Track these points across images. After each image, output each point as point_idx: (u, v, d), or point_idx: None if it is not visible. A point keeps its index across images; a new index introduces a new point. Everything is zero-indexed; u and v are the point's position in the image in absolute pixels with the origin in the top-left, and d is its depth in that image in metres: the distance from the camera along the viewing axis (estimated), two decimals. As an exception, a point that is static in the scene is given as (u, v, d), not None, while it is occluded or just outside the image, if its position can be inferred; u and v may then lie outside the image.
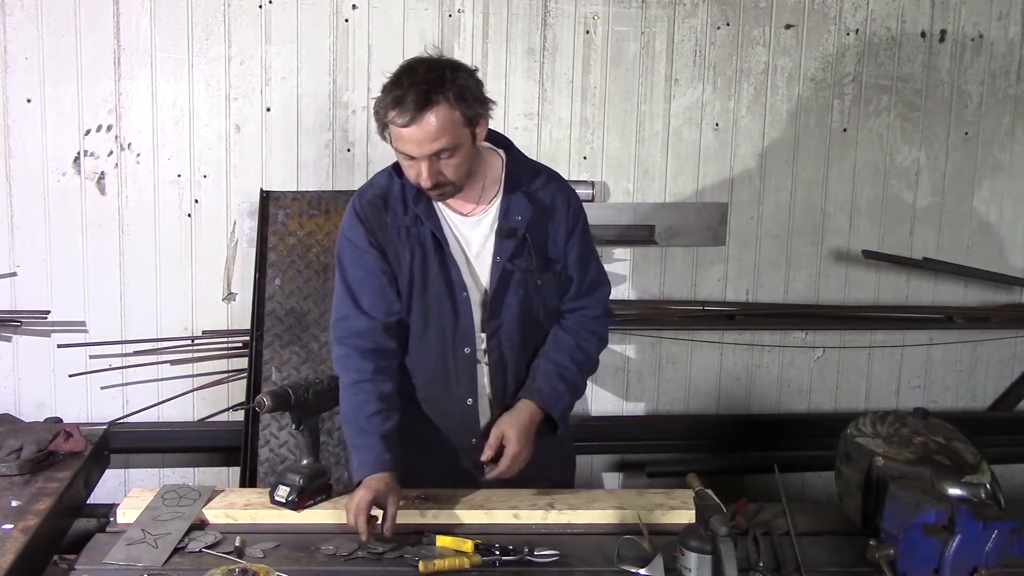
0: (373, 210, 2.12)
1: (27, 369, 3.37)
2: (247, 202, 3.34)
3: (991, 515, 1.71)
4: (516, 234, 2.11)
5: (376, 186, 2.16)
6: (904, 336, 3.73)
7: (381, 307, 2.11)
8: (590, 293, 2.25)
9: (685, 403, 3.69)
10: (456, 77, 1.95)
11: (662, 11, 3.44)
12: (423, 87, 1.91)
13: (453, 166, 1.99)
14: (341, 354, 2.11)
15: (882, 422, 2.04)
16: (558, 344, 2.22)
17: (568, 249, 2.19)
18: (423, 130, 1.92)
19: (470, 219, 2.14)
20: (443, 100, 1.92)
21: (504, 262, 2.11)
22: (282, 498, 2.03)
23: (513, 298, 2.14)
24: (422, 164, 1.96)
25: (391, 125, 1.95)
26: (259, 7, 3.28)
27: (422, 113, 1.91)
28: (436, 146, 1.94)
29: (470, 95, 1.96)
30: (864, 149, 3.61)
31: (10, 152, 3.26)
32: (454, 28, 3.37)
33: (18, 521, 1.80)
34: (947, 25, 3.58)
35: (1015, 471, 3.70)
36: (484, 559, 1.82)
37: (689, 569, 1.68)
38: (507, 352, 2.17)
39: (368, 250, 2.11)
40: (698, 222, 3.55)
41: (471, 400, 2.17)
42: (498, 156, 2.18)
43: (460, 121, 1.95)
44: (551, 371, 2.18)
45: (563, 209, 2.18)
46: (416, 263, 2.11)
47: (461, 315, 2.12)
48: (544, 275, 2.16)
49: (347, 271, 2.14)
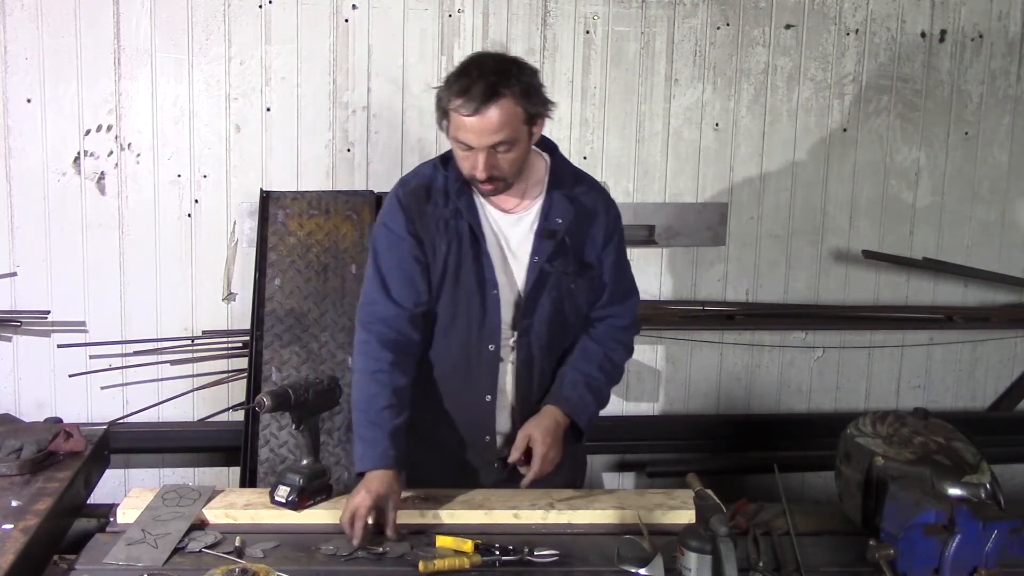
0: (415, 199, 2.13)
1: (27, 369, 3.37)
2: (247, 202, 3.34)
3: (991, 515, 1.71)
4: (556, 235, 2.13)
5: (420, 176, 2.17)
6: (904, 336, 3.73)
7: (410, 296, 2.11)
8: (621, 301, 2.27)
9: (685, 403, 3.69)
10: (522, 74, 1.99)
11: (662, 11, 3.44)
12: (491, 79, 1.94)
13: (509, 161, 2.02)
14: (362, 339, 2.11)
15: (882, 422, 2.03)
16: (586, 354, 2.24)
17: (604, 255, 2.21)
18: (486, 121, 1.95)
19: (511, 216, 2.15)
20: (508, 94, 1.95)
21: (542, 262, 2.13)
22: (282, 498, 2.03)
23: (547, 299, 2.15)
24: (479, 155, 1.98)
25: (453, 113, 1.97)
26: (259, 7, 3.28)
27: (487, 105, 1.94)
28: (496, 138, 1.96)
29: (534, 93, 2.00)
30: (864, 149, 3.61)
31: (10, 152, 3.26)
32: (454, 28, 3.37)
33: (18, 521, 1.80)
34: (947, 25, 3.58)
35: (1015, 471, 3.70)
36: (484, 559, 1.82)
37: (689, 569, 1.68)
38: (535, 352, 2.18)
39: (405, 237, 2.11)
40: (698, 222, 3.55)
41: (490, 397, 2.18)
42: (543, 158, 2.20)
43: (522, 117, 1.99)
44: (579, 380, 2.20)
45: (603, 216, 2.20)
46: (451, 256, 2.11)
47: (489, 311, 2.13)
48: (579, 279, 2.17)
49: (380, 257, 2.14)
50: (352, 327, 3.17)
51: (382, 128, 3.39)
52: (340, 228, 3.27)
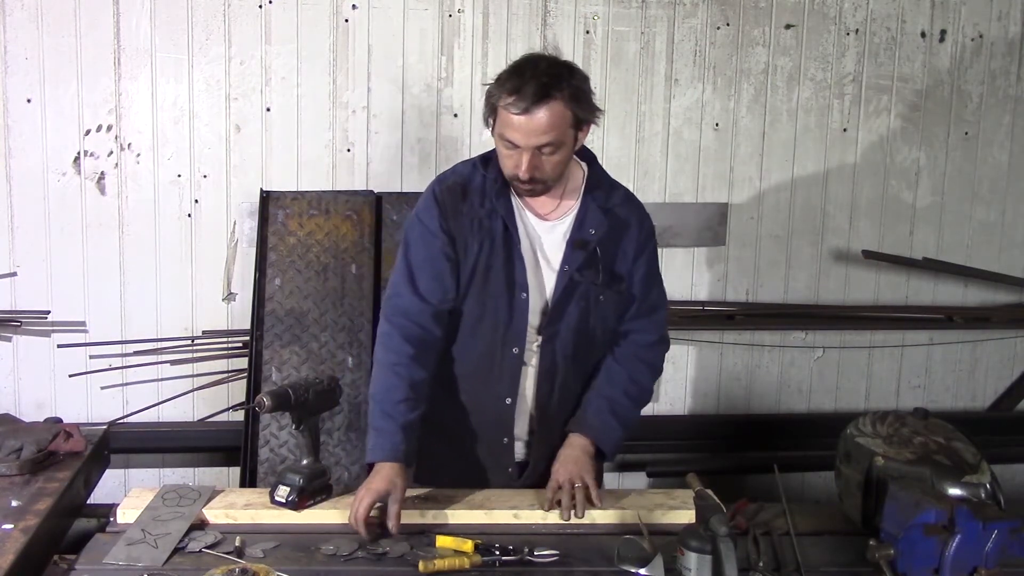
0: (451, 196, 2.12)
1: (27, 369, 3.37)
2: (247, 202, 3.34)
3: (991, 515, 1.71)
4: (588, 246, 2.12)
5: (458, 174, 2.17)
6: (904, 336, 3.73)
7: (436, 292, 2.10)
8: (648, 315, 2.25)
9: (685, 403, 3.69)
10: (573, 78, 2.00)
11: (662, 11, 3.44)
12: (544, 80, 1.95)
13: (552, 163, 2.02)
14: (385, 331, 2.11)
15: (882, 422, 2.03)
16: (611, 378, 2.22)
17: (635, 268, 2.20)
18: (535, 121, 1.95)
19: (546, 223, 2.14)
20: (559, 97, 1.96)
21: (572, 272, 2.12)
22: (282, 498, 2.03)
23: (574, 308, 2.14)
24: (524, 155, 1.98)
25: (503, 111, 1.97)
26: (259, 7, 3.28)
27: (538, 105, 1.94)
28: (544, 139, 1.97)
29: (584, 98, 2.01)
30: (864, 149, 3.61)
31: (10, 152, 3.26)
32: (454, 28, 3.37)
33: (18, 521, 1.80)
34: (947, 25, 3.58)
35: (1015, 471, 3.71)
36: (484, 559, 1.82)
37: (689, 569, 1.68)
38: (559, 360, 2.17)
39: (438, 234, 2.10)
40: (698, 222, 3.55)
41: (510, 400, 2.17)
42: (580, 167, 2.19)
43: (570, 121, 1.99)
44: (603, 407, 2.19)
45: (636, 228, 2.19)
46: (483, 256, 2.10)
47: (516, 315, 2.12)
48: (607, 291, 2.16)
49: (411, 251, 2.13)
50: (352, 327, 3.21)
51: (382, 128, 3.39)
52: (340, 228, 3.27)
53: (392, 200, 3.31)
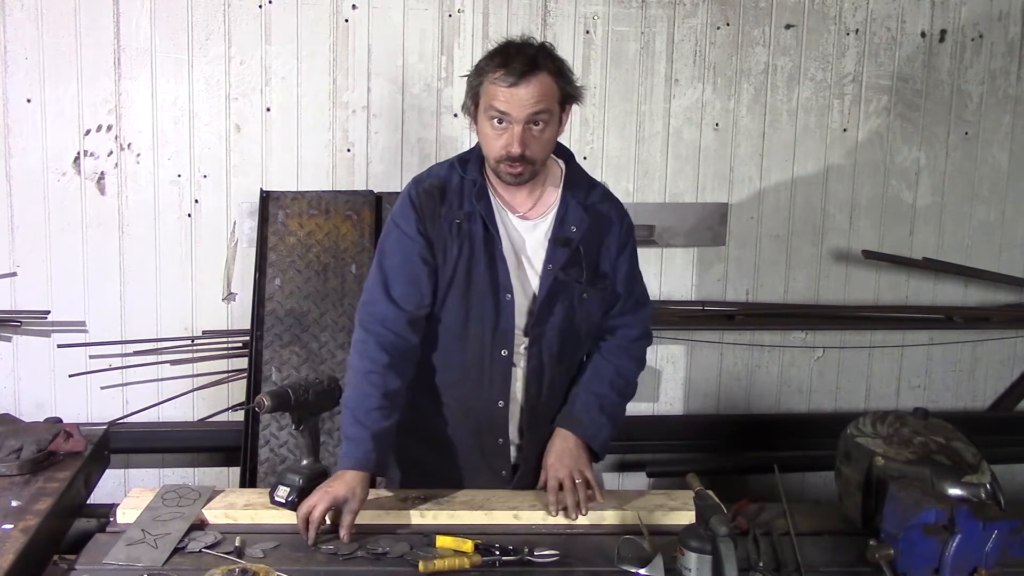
0: (428, 199, 2.10)
1: (27, 369, 3.37)
2: (247, 202, 3.34)
3: (991, 515, 1.71)
4: (570, 244, 2.12)
5: (435, 176, 2.15)
6: (904, 336, 3.73)
7: (412, 299, 2.08)
8: (634, 311, 2.26)
9: (685, 403, 3.69)
10: (554, 57, 2.03)
11: (662, 11, 3.44)
12: (531, 53, 1.99)
13: (541, 142, 2.02)
14: (360, 338, 2.08)
15: (882, 422, 2.03)
16: (598, 373, 2.22)
17: (618, 265, 2.20)
18: (527, 91, 1.96)
19: (527, 222, 2.14)
20: (547, 70, 1.99)
21: (556, 271, 2.11)
22: (282, 498, 2.03)
23: (559, 307, 2.14)
24: (516, 128, 1.98)
25: (492, 86, 1.98)
26: (259, 7, 3.28)
27: (528, 77, 1.96)
28: (537, 108, 1.97)
29: (568, 75, 2.04)
30: (864, 149, 3.62)
31: (10, 152, 3.26)
32: (454, 28, 3.37)
33: (18, 521, 1.80)
34: (947, 25, 3.58)
35: (1015, 471, 3.70)
36: (484, 559, 1.82)
37: (689, 569, 1.68)
38: (546, 360, 2.16)
39: (415, 238, 2.09)
40: (698, 222, 3.55)
41: (503, 403, 2.16)
42: (557, 164, 2.19)
43: (558, 95, 2.02)
44: (592, 402, 2.19)
45: (617, 225, 2.19)
46: (463, 259, 2.09)
47: (503, 316, 2.11)
48: (591, 288, 2.16)
49: (386, 256, 2.11)
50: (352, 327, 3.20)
51: (382, 128, 3.39)
52: (340, 228, 3.27)
53: (392, 200, 3.29)
